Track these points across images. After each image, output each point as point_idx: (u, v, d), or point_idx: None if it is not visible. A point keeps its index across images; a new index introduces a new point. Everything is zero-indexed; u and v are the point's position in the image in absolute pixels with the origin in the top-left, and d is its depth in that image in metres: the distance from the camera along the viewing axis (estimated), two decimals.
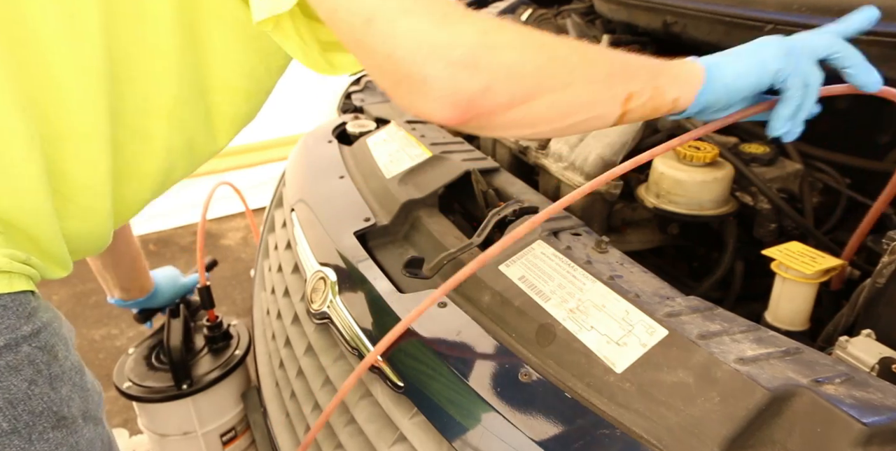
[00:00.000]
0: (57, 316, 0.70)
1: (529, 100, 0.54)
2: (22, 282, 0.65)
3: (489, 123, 0.55)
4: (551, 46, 0.56)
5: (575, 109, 0.58)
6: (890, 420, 0.49)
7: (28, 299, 0.65)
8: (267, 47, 0.76)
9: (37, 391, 0.65)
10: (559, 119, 0.58)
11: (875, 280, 0.67)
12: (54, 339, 0.67)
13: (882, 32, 0.78)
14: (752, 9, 0.95)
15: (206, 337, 1.40)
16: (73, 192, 0.70)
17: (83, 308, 2.43)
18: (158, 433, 1.37)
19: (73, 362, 0.70)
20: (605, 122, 0.61)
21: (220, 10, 0.71)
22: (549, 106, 0.56)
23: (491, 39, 0.52)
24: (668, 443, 0.54)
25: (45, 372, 0.66)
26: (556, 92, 0.55)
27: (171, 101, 0.73)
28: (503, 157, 1.20)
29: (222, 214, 3.06)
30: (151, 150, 0.76)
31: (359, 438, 0.81)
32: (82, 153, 0.69)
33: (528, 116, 0.56)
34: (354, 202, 1.03)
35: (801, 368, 0.55)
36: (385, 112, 1.42)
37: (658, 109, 0.63)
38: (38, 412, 0.65)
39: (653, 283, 0.70)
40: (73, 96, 0.65)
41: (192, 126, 0.77)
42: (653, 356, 0.59)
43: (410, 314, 0.71)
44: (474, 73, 0.51)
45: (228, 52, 0.74)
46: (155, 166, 0.77)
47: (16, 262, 0.64)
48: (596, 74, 0.58)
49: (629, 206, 1.04)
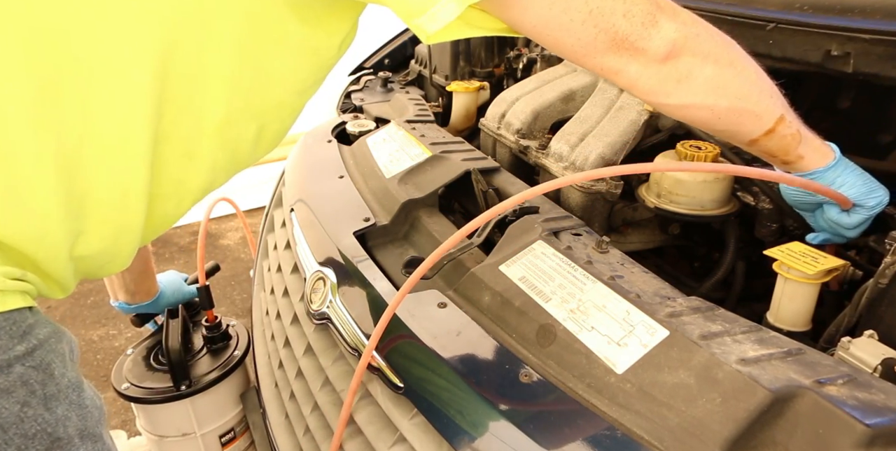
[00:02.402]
0: (56, 331, 0.67)
1: (718, 62, 0.66)
2: (16, 299, 0.63)
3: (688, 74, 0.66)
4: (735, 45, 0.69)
5: (746, 92, 0.69)
6: (892, 422, 0.49)
7: (24, 317, 0.63)
8: (324, 62, 0.75)
9: (30, 413, 0.62)
10: (733, 98, 0.69)
11: (877, 281, 0.67)
12: (51, 356, 0.65)
13: (886, 31, 0.77)
14: (754, 8, 0.94)
15: (205, 337, 1.40)
16: (102, 214, 0.67)
17: (81, 308, 2.43)
18: (157, 435, 1.36)
19: (70, 379, 0.67)
20: (759, 123, 0.71)
21: (286, 38, 0.69)
22: (732, 78, 0.68)
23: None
24: (670, 444, 0.54)
25: (40, 392, 0.63)
26: (738, 72, 0.68)
27: (223, 122, 0.70)
28: (503, 157, 1.19)
29: (221, 214, 3.06)
30: (196, 169, 0.73)
31: (358, 438, 0.81)
32: (116, 175, 0.66)
33: (713, 80, 0.67)
34: (354, 202, 1.03)
35: (803, 369, 0.54)
36: (385, 112, 1.42)
37: (787, 152, 0.74)
38: (31, 435, 0.62)
39: (654, 283, 0.69)
40: (112, 121, 0.63)
41: (239, 143, 0.75)
42: (654, 357, 0.58)
43: (397, 296, 0.70)
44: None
45: (286, 73, 0.73)
46: (198, 184, 0.75)
47: (9, 279, 0.62)
48: (765, 81, 0.71)
49: (630, 206, 1.04)
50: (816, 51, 0.86)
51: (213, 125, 0.70)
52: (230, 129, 0.72)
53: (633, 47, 0.64)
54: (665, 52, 0.65)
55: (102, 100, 0.61)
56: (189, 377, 1.30)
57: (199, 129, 0.69)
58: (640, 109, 1.02)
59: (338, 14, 0.72)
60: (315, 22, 0.70)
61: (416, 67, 1.66)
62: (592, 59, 0.66)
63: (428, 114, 1.33)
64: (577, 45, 0.64)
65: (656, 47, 0.64)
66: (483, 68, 1.54)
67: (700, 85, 0.67)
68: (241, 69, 0.68)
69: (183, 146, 0.69)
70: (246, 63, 0.68)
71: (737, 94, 0.69)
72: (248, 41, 0.67)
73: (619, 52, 0.64)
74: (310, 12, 0.68)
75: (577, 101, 1.17)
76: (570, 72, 1.24)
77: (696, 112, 0.70)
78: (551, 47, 0.67)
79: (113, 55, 0.60)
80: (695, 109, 0.69)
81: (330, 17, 0.71)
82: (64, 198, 0.63)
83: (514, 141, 1.13)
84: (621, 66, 0.66)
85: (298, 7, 0.67)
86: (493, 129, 1.20)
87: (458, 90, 1.43)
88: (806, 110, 1.03)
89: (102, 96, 0.61)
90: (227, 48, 0.65)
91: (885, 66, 0.79)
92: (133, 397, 1.29)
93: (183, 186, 0.74)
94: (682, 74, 0.66)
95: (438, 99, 1.59)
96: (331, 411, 0.87)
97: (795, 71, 0.93)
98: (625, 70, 0.66)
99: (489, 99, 1.37)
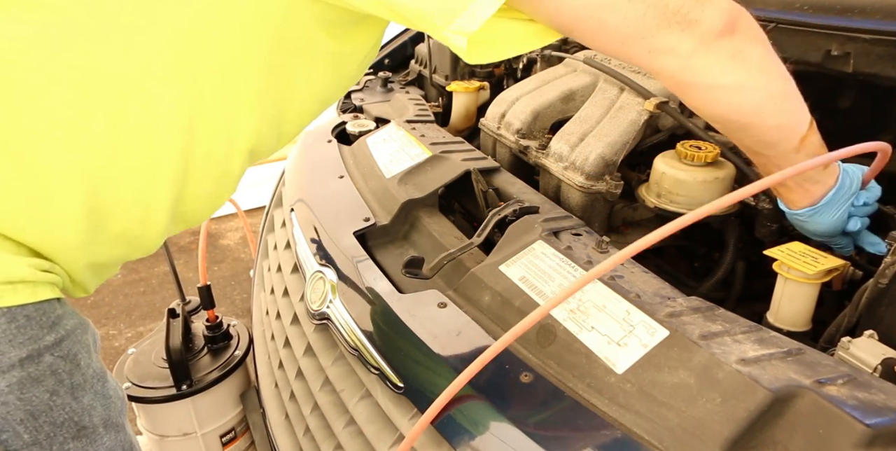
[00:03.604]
0: (82, 322, 0.69)
1: (765, 43, 0.64)
2: (46, 291, 0.64)
3: (741, 51, 0.62)
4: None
5: (788, 76, 0.66)
6: (892, 422, 0.49)
7: (53, 308, 0.65)
8: (348, 72, 0.76)
9: (58, 402, 0.64)
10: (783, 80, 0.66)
11: (878, 281, 0.67)
12: (77, 347, 0.67)
13: (886, 31, 0.77)
14: (754, 8, 0.94)
15: (206, 337, 1.40)
16: (123, 227, 0.68)
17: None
18: (158, 434, 1.37)
19: (95, 369, 0.69)
20: (805, 112, 0.68)
21: (314, 53, 0.69)
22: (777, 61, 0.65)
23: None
24: (670, 444, 0.54)
25: (67, 382, 0.65)
26: (778, 57, 0.65)
27: (254, 138, 0.71)
28: (503, 157, 1.19)
29: (221, 214, 3.06)
30: (231, 183, 0.74)
31: (359, 439, 0.81)
32: (140, 193, 0.66)
33: (765, 59, 0.64)
34: (354, 202, 1.03)
35: (803, 369, 0.54)
36: (385, 112, 1.42)
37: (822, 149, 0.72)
38: (60, 423, 0.64)
39: (654, 283, 0.69)
40: (142, 141, 0.63)
41: (262, 152, 0.76)
42: (654, 357, 0.58)
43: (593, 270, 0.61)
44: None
45: (311, 84, 0.73)
46: (228, 195, 0.76)
47: (40, 271, 0.63)
48: (794, 83, 0.67)
49: (630, 205, 1.04)
50: (816, 51, 0.86)
51: (244, 142, 0.70)
52: (258, 143, 0.72)
53: (687, 20, 0.59)
54: (721, 24, 0.60)
55: (133, 120, 0.62)
56: (190, 377, 1.30)
57: (232, 147, 0.70)
58: (640, 109, 1.02)
59: (364, 29, 0.72)
60: (343, 37, 0.70)
61: (416, 67, 1.66)
62: (640, 41, 0.60)
63: (428, 114, 1.33)
64: (624, 25, 0.59)
65: (711, 18, 0.59)
66: (483, 68, 1.54)
67: (754, 63, 0.63)
68: (268, 89, 0.68)
69: (217, 166, 0.70)
70: (274, 82, 0.68)
71: (785, 75, 0.66)
72: (278, 57, 0.67)
73: (670, 27, 0.59)
74: (338, 28, 0.69)
75: (577, 101, 1.17)
76: (570, 72, 1.24)
77: (752, 95, 0.64)
78: (593, 34, 0.61)
79: (143, 78, 0.61)
80: (750, 91, 0.64)
81: (357, 32, 0.72)
82: (86, 212, 0.64)
83: (514, 141, 1.13)
84: (674, 44, 0.60)
85: (328, 24, 0.67)
86: (493, 129, 1.20)
87: (458, 90, 1.43)
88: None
89: (133, 117, 0.62)
90: (257, 65, 0.65)
91: (885, 66, 0.79)
92: (134, 396, 1.29)
93: (218, 200, 0.75)
94: (737, 50, 0.61)
95: (438, 99, 1.59)
96: (331, 411, 0.87)
97: (795, 71, 0.93)
98: (678, 48, 0.60)
99: (489, 99, 1.37)
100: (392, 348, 0.76)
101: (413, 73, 1.67)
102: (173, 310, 1.38)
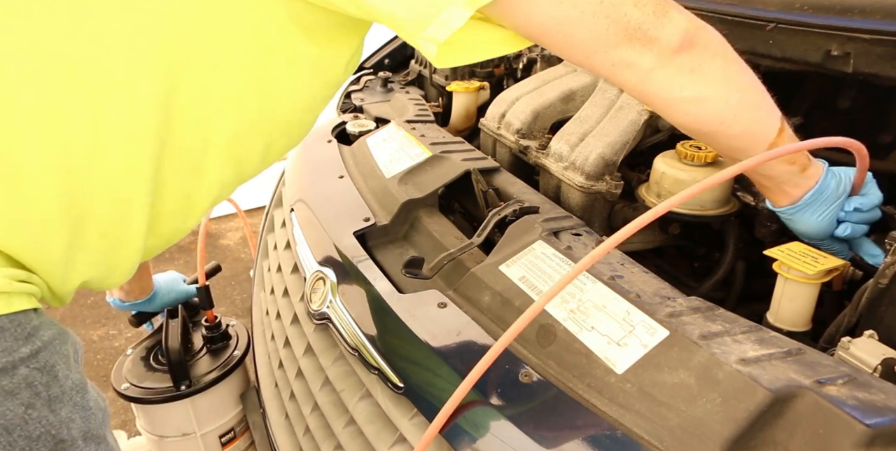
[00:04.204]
0: (60, 332, 0.67)
1: (725, 56, 0.66)
2: (22, 301, 0.63)
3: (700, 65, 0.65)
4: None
5: (753, 86, 0.69)
6: (893, 422, 0.49)
7: (29, 318, 0.63)
8: (332, 80, 0.76)
9: (34, 415, 0.63)
10: (744, 91, 0.68)
11: (878, 281, 0.67)
12: (55, 358, 0.65)
13: (886, 31, 0.77)
14: (754, 8, 0.94)
15: (205, 337, 1.40)
16: (103, 227, 0.67)
17: (81, 308, 2.43)
18: (157, 435, 1.36)
19: (74, 380, 0.68)
20: (772, 120, 0.70)
21: (295, 58, 0.69)
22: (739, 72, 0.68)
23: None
24: (670, 444, 0.54)
25: (44, 394, 0.64)
26: (743, 68, 0.68)
27: (231, 139, 0.70)
28: (503, 157, 1.19)
29: (221, 214, 3.06)
30: (204, 184, 0.73)
31: (359, 439, 0.81)
32: (119, 190, 0.66)
33: (724, 71, 0.66)
34: (354, 202, 1.03)
35: (803, 369, 0.54)
36: (385, 112, 1.42)
37: (794, 161, 0.74)
38: (35, 437, 0.63)
39: (654, 283, 0.69)
40: (119, 137, 0.63)
41: (247, 159, 0.75)
42: (654, 357, 0.58)
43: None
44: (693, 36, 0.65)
45: (295, 92, 0.73)
46: (206, 198, 0.75)
47: (16, 281, 0.62)
48: (760, 92, 0.70)
49: (630, 205, 1.04)
50: (816, 51, 0.86)
51: (222, 142, 0.70)
52: (238, 146, 0.72)
53: (647, 37, 0.62)
54: (679, 40, 0.63)
55: (110, 116, 0.61)
56: (189, 377, 1.30)
57: (207, 145, 0.69)
58: (640, 109, 1.02)
59: (345, 33, 0.72)
60: (324, 42, 0.70)
61: (416, 67, 1.66)
62: (604, 54, 0.64)
63: (428, 114, 1.33)
64: (589, 39, 0.63)
65: (669, 35, 0.63)
66: (483, 68, 1.54)
67: (713, 76, 0.66)
68: (247, 88, 0.68)
69: (191, 162, 0.70)
70: (253, 82, 0.68)
71: (746, 86, 0.68)
72: (257, 61, 0.67)
73: (631, 42, 0.63)
74: (319, 33, 0.69)
75: (577, 101, 1.17)
76: (570, 72, 1.24)
77: (711, 106, 0.68)
78: (560, 46, 0.65)
79: (121, 71, 0.61)
80: (709, 103, 0.67)
81: (338, 36, 0.71)
82: (64, 211, 0.63)
83: (514, 141, 1.13)
84: (635, 59, 0.64)
85: (308, 28, 0.67)
86: (493, 129, 1.20)
87: (458, 90, 1.43)
88: (806, 110, 1.03)
89: (110, 112, 0.61)
90: (234, 68, 0.66)
91: (885, 66, 0.79)
92: (133, 397, 1.29)
93: (190, 200, 0.74)
94: (695, 64, 0.65)
95: (438, 99, 1.59)
96: (331, 411, 0.87)
97: (795, 71, 0.93)
98: (638, 62, 0.64)
99: (489, 99, 1.37)
100: (392, 349, 0.76)
101: (413, 73, 1.67)
102: (173, 310, 1.38)
